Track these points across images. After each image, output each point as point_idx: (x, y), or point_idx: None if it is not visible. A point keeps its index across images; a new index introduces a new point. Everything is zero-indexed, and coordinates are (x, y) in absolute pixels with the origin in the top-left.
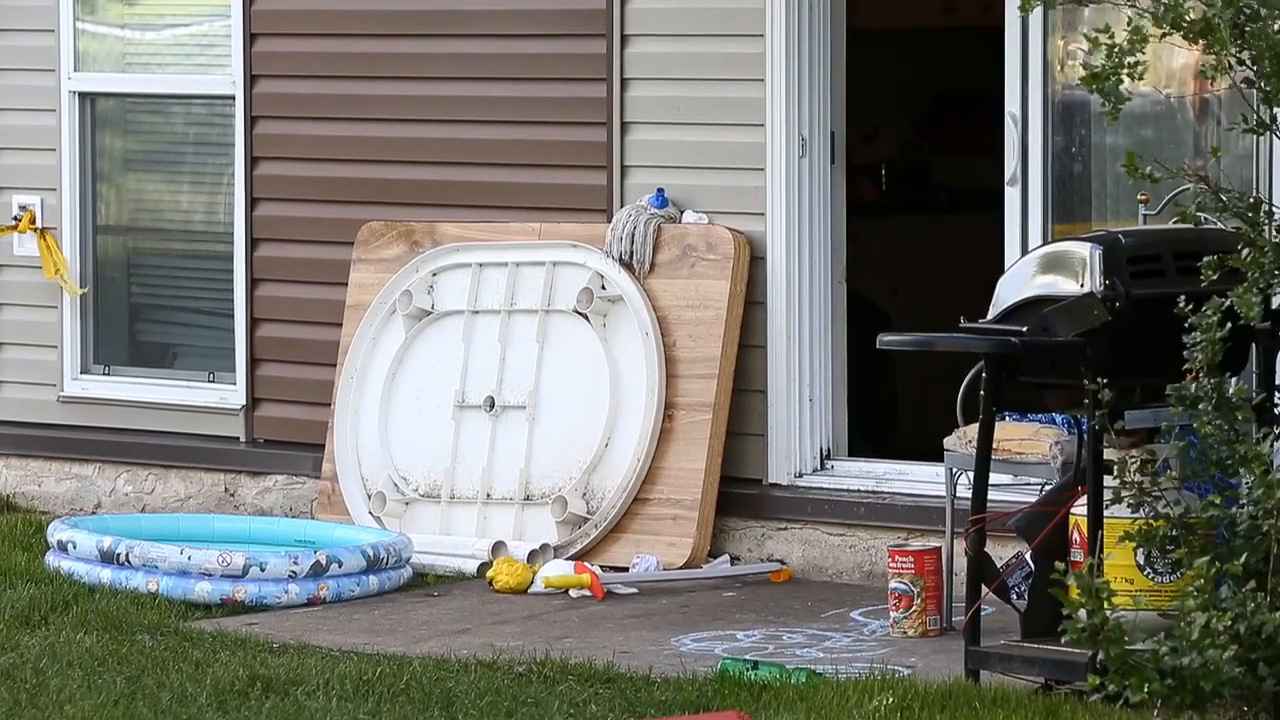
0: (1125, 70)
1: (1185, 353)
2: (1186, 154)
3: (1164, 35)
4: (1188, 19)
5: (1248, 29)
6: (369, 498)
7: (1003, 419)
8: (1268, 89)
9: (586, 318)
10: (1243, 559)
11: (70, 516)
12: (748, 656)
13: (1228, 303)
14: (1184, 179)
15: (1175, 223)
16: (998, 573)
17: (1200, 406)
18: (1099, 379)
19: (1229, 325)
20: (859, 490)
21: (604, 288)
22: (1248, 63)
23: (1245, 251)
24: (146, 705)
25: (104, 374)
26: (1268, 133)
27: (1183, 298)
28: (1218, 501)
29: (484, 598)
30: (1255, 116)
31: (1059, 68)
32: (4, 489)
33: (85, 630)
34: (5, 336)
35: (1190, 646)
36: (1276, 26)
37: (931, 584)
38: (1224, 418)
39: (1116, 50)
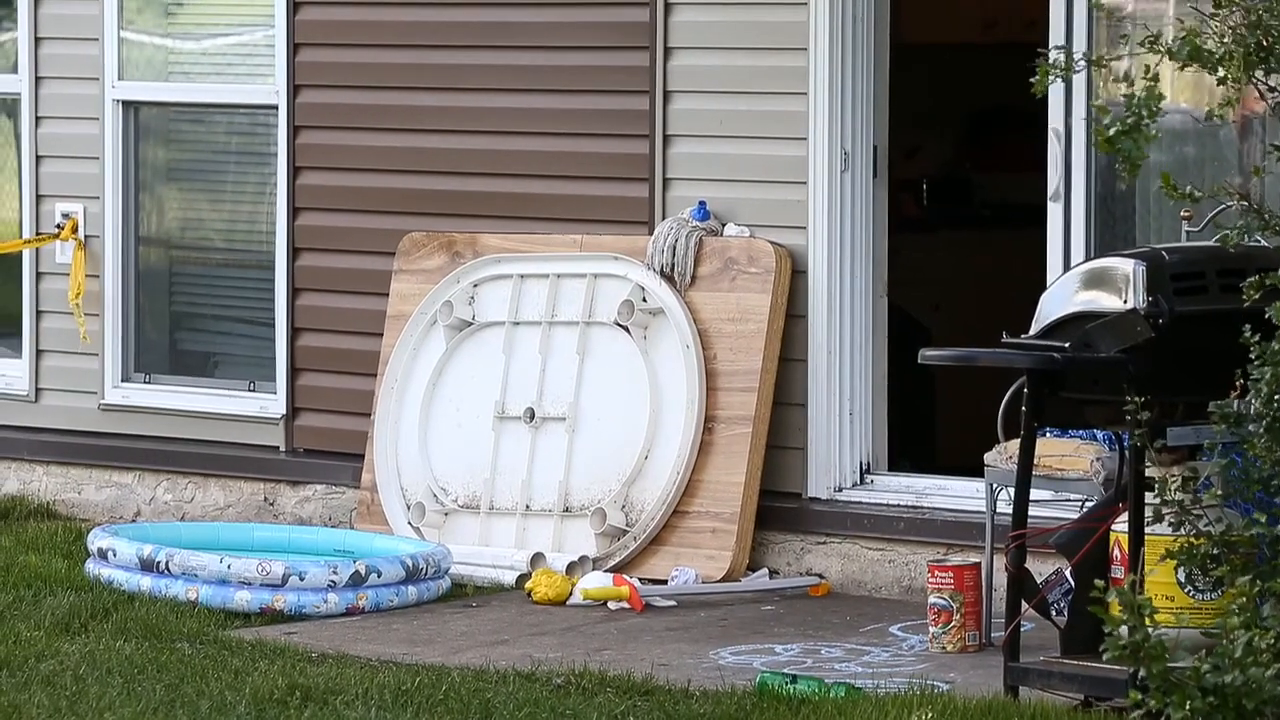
0: (1147, 119)
1: (1249, 382)
2: (1229, 171)
3: (1183, 67)
4: (1206, 49)
5: (1276, 48)
6: (408, 508)
7: (1044, 435)
8: None
9: (627, 330)
10: None
11: (110, 524)
12: (786, 670)
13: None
14: (1225, 198)
15: (1218, 240)
16: (1038, 589)
17: (1250, 427)
18: (1141, 396)
19: None
20: (899, 505)
21: (645, 300)
22: (1277, 88)
23: None
24: (186, 713)
25: (145, 382)
26: None
27: (1247, 325)
28: (1263, 520)
29: (522, 609)
30: None
31: (1102, 83)
32: (44, 496)
33: (125, 638)
34: (47, 344)
35: (1233, 664)
36: None
37: (971, 599)
38: (1275, 439)
39: (1136, 102)
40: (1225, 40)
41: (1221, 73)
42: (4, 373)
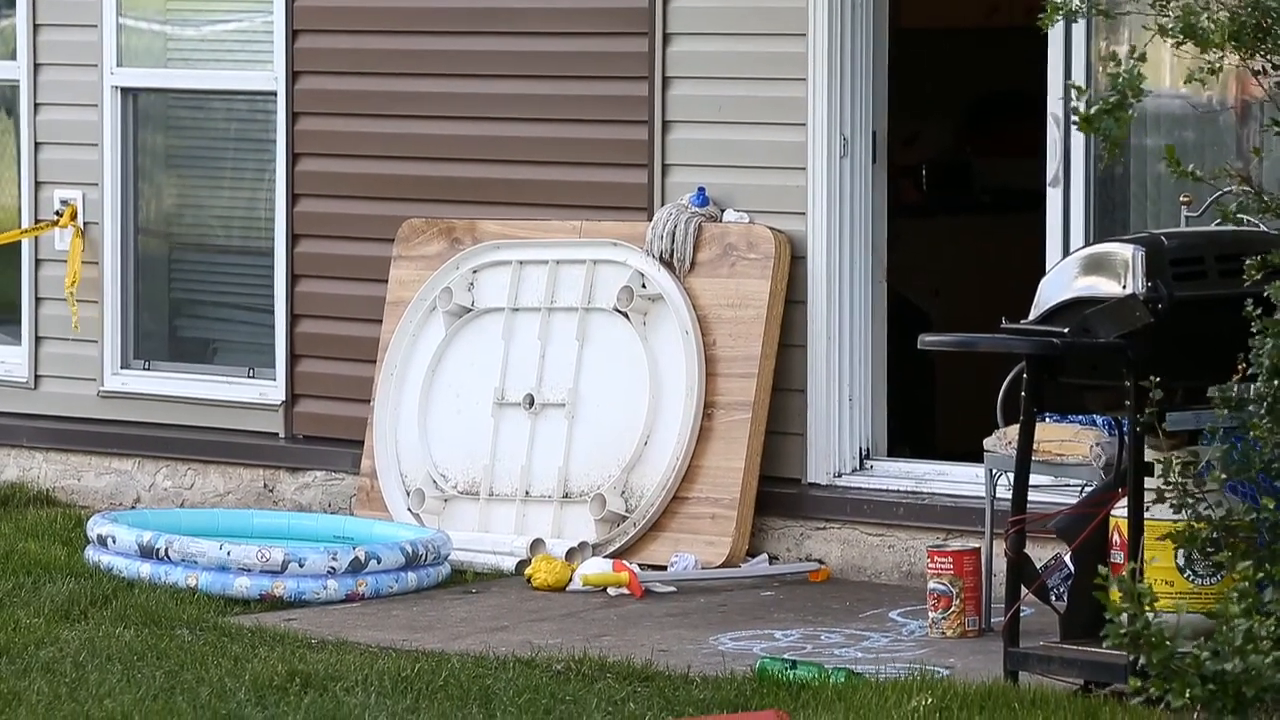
0: (1131, 99)
1: (1250, 356)
2: (1228, 156)
3: (1179, 44)
4: (1202, 25)
5: (1275, 29)
6: (408, 494)
7: (1043, 420)
8: None
9: (627, 316)
10: None
11: (110, 511)
12: (786, 656)
13: None
14: (1225, 181)
15: (1218, 224)
16: (1037, 574)
17: (1251, 409)
18: (1141, 380)
19: None
20: (898, 490)
21: (644, 286)
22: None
23: None
24: (185, 700)
25: (144, 369)
26: None
27: (1250, 301)
28: (1271, 505)
29: (522, 595)
30: None
31: (1101, 69)
32: (44, 483)
33: (124, 625)
34: (46, 331)
35: (1233, 652)
36: None
37: (970, 585)
38: (1277, 421)
39: (1121, 80)
40: (1219, 18)
41: (1216, 53)
42: (3, 360)
